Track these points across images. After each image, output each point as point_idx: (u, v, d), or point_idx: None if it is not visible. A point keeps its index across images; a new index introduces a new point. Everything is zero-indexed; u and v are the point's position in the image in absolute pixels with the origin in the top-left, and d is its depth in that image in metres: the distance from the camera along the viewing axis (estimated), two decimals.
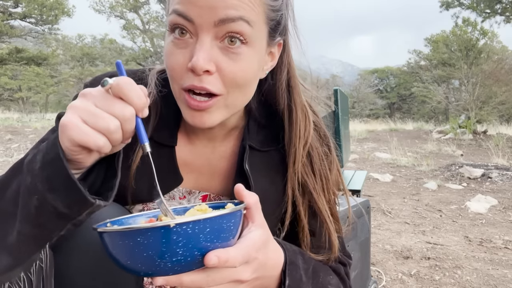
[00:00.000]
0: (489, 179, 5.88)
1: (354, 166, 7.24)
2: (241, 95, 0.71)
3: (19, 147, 8.53)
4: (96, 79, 0.79)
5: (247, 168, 0.78)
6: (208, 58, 0.64)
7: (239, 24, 0.64)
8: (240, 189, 0.60)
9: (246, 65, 0.67)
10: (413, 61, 32.72)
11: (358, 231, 1.71)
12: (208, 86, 0.65)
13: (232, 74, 0.66)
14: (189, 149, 0.82)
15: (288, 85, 0.81)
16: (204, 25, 0.63)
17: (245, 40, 0.65)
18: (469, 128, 12.67)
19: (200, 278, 0.53)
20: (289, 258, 0.68)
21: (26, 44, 28.02)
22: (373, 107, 36.87)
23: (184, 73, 0.66)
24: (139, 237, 0.48)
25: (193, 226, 0.49)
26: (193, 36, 0.65)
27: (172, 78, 0.69)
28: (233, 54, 0.66)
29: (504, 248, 3.16)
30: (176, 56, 0.66)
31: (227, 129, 0.82)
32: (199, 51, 0.63)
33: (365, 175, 3.20)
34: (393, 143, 9.08)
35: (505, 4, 18.95)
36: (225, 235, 0.53)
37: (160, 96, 0.78)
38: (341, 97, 2.76)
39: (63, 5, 24.76)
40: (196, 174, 0.83)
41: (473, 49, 21.51)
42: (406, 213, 4.23)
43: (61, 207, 0.53)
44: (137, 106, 0.55)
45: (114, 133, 0.53)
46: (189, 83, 0.65)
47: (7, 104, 27.44)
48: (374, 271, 2.62)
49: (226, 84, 0.67)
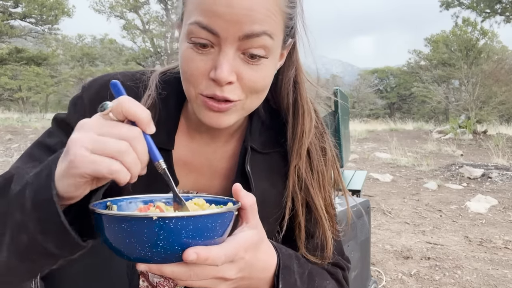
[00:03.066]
0: (489, 179, 5.87)
1: (354, 166, 7.24)
2: (258, 99, 0.73)
3: (19, 147, 8.53)
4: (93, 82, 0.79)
5: (249, 169, 0.78)
6: (231, 70, 0.65)
7: (263, 38, 0.65)
8: (238, 189, 0.60)
9: (265, 74, 0.69)
10: (413, 61, 32.74)
11: (358, 231, 1.71)
12: (229, 95, 0.66)
13: (252, 83, 0.68)
14: (190, 149, 0.82)
15: (295, 81, 0.81)
16: (229, 39, 0.63)
17: (266, 55, 0.67)
18: (469, 128, 12.67)
19: (181, 271, 0.54)
20: (282, 262, 0.68)
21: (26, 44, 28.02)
22: (373, 107, 36.87)
23: (204, 80, 0.66)
24: (123, 224, 0.50)
25: (176, 222, 0.50)
26: (215, 47, 0.65)
27: (189, 83, 0.69)
28: (254, 65, 0.67)
29: (504, 248, 3.16)
30: (197, 63, 0.66)
31: (232, 129, 0.83)
32: (223, 63, 0.64)
33: (365, 175, 3.20)
34: (393, 143, 9.08)
35: (505, 4, 18.95)
36: (209, 234, 0.53)
37: (159, 98, 0.78)
38: (341, 97, 2.76)
39: (63, 5, 24.77)
40: (195, 175, 0.83)
41: (473, 49, 21.51)
42: (406, 213, 4.23)
43: (52, 249, 0.52)
44: (143, 123, 0.53)
45: (126, 154, 0.51)
46: (210, 92, 0.66)
47: (7, 104, 27.44)
48: (374, 271, 2.62)
49: (246, 91, 0.68)
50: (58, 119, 0.77)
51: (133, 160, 0.52)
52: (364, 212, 1.76)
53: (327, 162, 0.84)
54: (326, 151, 0.85)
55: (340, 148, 2.64)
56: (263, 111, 0.85)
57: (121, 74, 0.80)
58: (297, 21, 0.76)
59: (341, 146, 2.64)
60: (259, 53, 0.66)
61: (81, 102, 0.77)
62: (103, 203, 0.60)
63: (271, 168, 0.82)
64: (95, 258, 0.63)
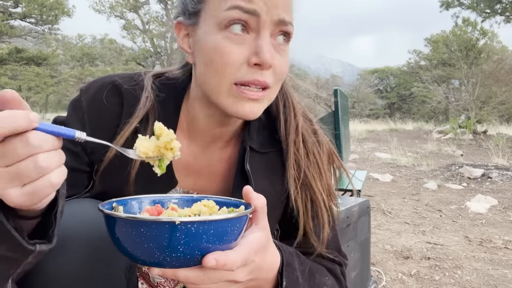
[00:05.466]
0: (489, 179, 5.87)
1: (354, 166, 7.24)
2: (278, 88, 0.76)
3: None
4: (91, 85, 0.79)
5: (248, 169, 0.78)
6: (272, 53, 0.68)
7: (289, 27, 0.70)
8: (249, 191, 0.60)
9: (287, 61, 0.73)
10: (413, 61, 32.71)
11: (358, 231, 1.71)
12: (268, 80, 0.69)
13: (281, 69, 0.71)
14: (190, 151, 0.82)
15: None
16: (267, 22, 0.67)
17: (290, 39, 0.72)
18: (469, 128, 12.67)
19: (195, 275, 0.54)
20: (286, 260, 0.69)
21: (26, 44, 27.99)
22: (373, 107, 36.84)
23: (241, 67, 0.68)
24: (142, 228, 0.49)
25: (198, 226, 0.49)
26: (250, 32, 0.68)
27: (222, 74, 0.68)
28: (282, 51, 0.71)
29: (504, 248, 3.16)
30: (234, 51, 0.67)
31: (235, 129, 0.83)
32: (265, 46, 0.67)
33: (365, 175, 3.20)
34: (393, 143, 9.08)
35: (505, 4, 18.95)
36: (228, 238, 0.53)
37: (157, 101, 0.79)
38: (341, 97, 2.76)
39: (63, 5, 24.73)
40: (195, 176, 0.83)
41: (473, 49, 21.50)
42: (406, 213, 4.23)
43: (5, 251, 0.50)
44: (24, 123, 0.45)
45: (33, 175, 0.45)
46: (251, 77, 0.68)
47: None
48: (374, 271, 2.62)
49: (276, 78, 0.71)
50: (58, 121, 0.77)
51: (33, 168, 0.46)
52: (364, 212, 1.76)
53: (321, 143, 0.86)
54: (317, 132, 0.87)
55: (340, 148, 2.64)
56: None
57: (119, 77, 0.81)
58: None
59: (341, 146, 2.64)
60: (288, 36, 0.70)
61: (79, 105, 0.77)
62: (109, 204, 0.59)
63: (269, 168, 0.83)
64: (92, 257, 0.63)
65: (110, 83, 0.78)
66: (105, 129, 0.75)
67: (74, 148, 0.75)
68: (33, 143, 0.45)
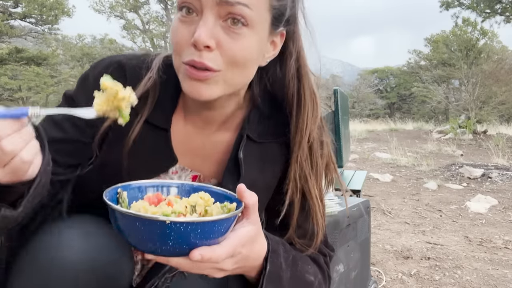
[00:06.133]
0: (489, 179, 5.88)
1: (354, 166, 7.24)
2: (240, 74, 0.74)
3: None
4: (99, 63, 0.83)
5: (241, 157, 0.81)
6: (209, 34, 0.68)
7: (239, 8, 0.68)
8: (242, 189, 0.64)
9: (246, 45, 0.71)
10: (413, 61, 32.68)
11: (358, 231, 1.71)
12: (207, 61, 0.69)
13: (231, 52, 0.70)
14: (185, 132, 0.85)
15: (298, 73, 0.83)
16: (208, 3, 0.68)
17: (246, 22, 0.69)
18: (469, 128, 12.67)
19: (186, 263, 0.59)
20: (272, 247, 0.73)
21: (26, 44, 27.95)
22: (373, 107, 36.82)
23: (187, 47, 0.70)
24: (137, 222, 0.55)
25: (186, 226, 0.55)
26: (198, 14, 0.70)
27: (175, 53, 0.73)
28: (234, 33, 0.70)
29: (504, 248, 3.16)
30: (182, 31, 0.71)
31: (225, 114, 0.85)
32: (202, 27, 0.68)
33: (365, 175, 3.20)
34: (393, 143, 9.07)
35: (505, 4, 18.94)
36: (214, 236, 0.58)
37: (159, 81, 0.82)
38: (341, 97, 2.76)
39: (63, 5, 24.72)
40: (190, 155, 0.86)
41: (473, 49, 21.49)
42: (406, 213, 4.23)
43: None
44: None
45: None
46: (189, 58, 0.69)
47: (7, 104, 27.43)
48: (374, 271, 2.62)
49: (225, 61, 0.70)
50: (67, 94, 0.83)
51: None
52: (364, 212, 1.76)
53: (323, 156, 0.87)
54: (323, 146, 0.88)
55: (340, 148, 2.64)
56: (263, 103, 0.87)
57: (127, 57, 0.84)
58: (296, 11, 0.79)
59: (341, 146, 2.64)
60: (238, 18, 0.69)
61: (87, 80, 0.81)
62: (114, 189, 0.64)
63: (264, 157, 0.85)
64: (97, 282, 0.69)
65: (116, 62, 0.82)
66: None
67: (77, 122, 0.78)
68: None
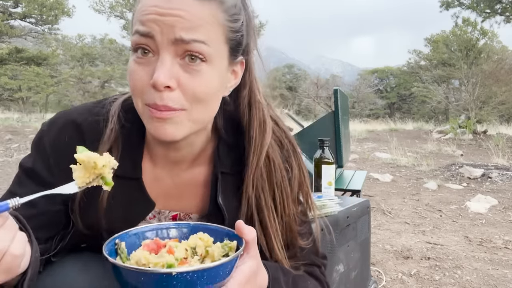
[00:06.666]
0: (489, 179, 5.87)
1: (354, 166, 7.24)
2: (204, 110, 0.72)
3: (19, 147, 8.53)
4: (52, 125, 0.80)
5: (221, 202, 0.80)
6: (169, 74, 0.66)
7: (195, 45, 0.67)
8: (241, 226, 0.64)
9: (206, 81, 0.69)
10: (413, 61, 32.69)
11: (358, 231, 1.71)
12: (170, 103, 0.67)
13: (192, 89, 0.68)
14: (154, 176, 0.83)
15: (249, 102, 0.83)
16: (164, 43, 0.66)
17: (204, 58, 0.68)
18: (469, 128, 12.67)
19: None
20: (272, 275, 0.73)
21: (26, 44, 27.95)
22: (373, 107, 36.82)
23: (147, 89, 0.68)
24: (142, 277, 0.55)
25: (193, 275, 0.55)
26: (155, 54, 0.68)
27: (134, 95, 0.71)
28: (194, 70, 0.68)
29: (504, 248, 3.16)
30: (139, 73, 0.68)
31: (194, 152, 0.83)
32: (160, 68, 0.66)
33: (365, 175, 3.20)
34: (393, 143, 9.07)
35: (505, 4, 18.94)
36: (220, 279, 0.59)
37: (122, 130, 0.79)
38: (341, 97, 2.76)
39: (63, 5, 24.73)
40: (164, 198, 0.84)
41: (473, 49, 21.50)
42: (406, 213, 4.23)
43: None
44: None
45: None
46: (151, 101, 0.68)
47: (7, 104, 27.41)
48: (374, 271, 2.62)
49: (188, 99, 0.69)
50: (25, 167, 0.78)
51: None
52: (364, 212, 1.76)
53: (291, 182, 0.84)
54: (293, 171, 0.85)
55: (340, 148, 2.64)
56: (227, 133, 0.85)
57: (79, 113, 0.80)
58: (250, 40, 0.78)
59: (341, 146, 2.64)
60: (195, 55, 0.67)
61: (43, 148, 0.78)
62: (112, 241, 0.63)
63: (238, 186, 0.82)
64: None
65: (71, 123, 0.78)
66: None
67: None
68: None
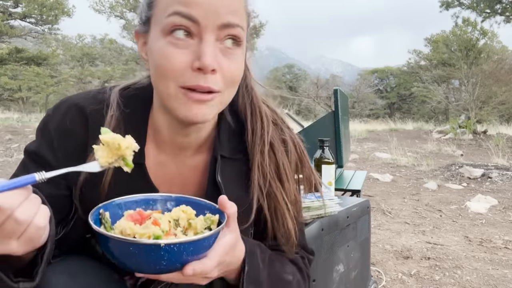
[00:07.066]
0: (489, 179, 5.87)
1: (354, 166, 7.24)
2: (232, 93, 0.76)
3: (19, 147, 8.53)
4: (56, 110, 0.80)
5: (219, 180, 0.82)
6: (214, 57, 0.68)
7: (237, 30, 0.70)
8: (224, 201, 0.68)
9: (240, 65, 0.74)
10: (413, 61, 32.66)
11: (358, 231, 1.71)
12: (212, 85, 0.69)
13: (230, 73, 0.71)
14: (159, 162, 0.83)
15: (247, 85, 0.86)
16: (209, 27, 0.67)
17: (240, 42, 0.72)
18: (469, 128, 12.67)
19: (177, 277, 0.63)
20: (249, 249, 0.76)
21: (26, 44, 27.94)
22: (373, 107, 36.81)
23: (186, 72, 0.68)
24: (131, 247, 0.56)
25: (179, 246, 0.57)
26: (194, 37, 0.68)
27: (167, 77, 0.69)
28: (231, 54, 0.71)
29: (504, 248, 3.16)
30: (178, 55, 0.68)
31: (201, 138, 0.84)
32: (207, 51, 0.67)
33: (365, 175, 3.20)
34: (393, 143, 9.07)
35: (505, 4, 18.94)
36: (203, 250, 0.62)
37: (122, 116, 0.80)
38: (341, 97, 2.76)
39: (63, 5, 24.72)
40: (168, 184, 0.84)
41: (473, 49, 21.50)
42: (406, 213, 4.23)
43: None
44: None
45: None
46: (193, 83, 0.68)
47: (7, 104, 27.40)
48: (374, 271, 2.62)
49: (225, 82, 0.71)
50: (30, 151, 0.79)
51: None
52: (364, 212, 1.76)
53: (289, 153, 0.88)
54: (286, 142, 0.88)
55: (340, 148, 2.64)
56: (229, 115, 0.87)
57: (83, 98, 0.81)
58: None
59: (341, 146, 2.64)
60: (235, 39, 0.70)
61: (47, 131, 0.78)
62: (96, 210, 0.64)
63: (240, 173, 0.85)
64: None
65: (75, 106, 0.79)
66: (76, 153, 0.77)
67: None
68: (3, 206, 0.51)
